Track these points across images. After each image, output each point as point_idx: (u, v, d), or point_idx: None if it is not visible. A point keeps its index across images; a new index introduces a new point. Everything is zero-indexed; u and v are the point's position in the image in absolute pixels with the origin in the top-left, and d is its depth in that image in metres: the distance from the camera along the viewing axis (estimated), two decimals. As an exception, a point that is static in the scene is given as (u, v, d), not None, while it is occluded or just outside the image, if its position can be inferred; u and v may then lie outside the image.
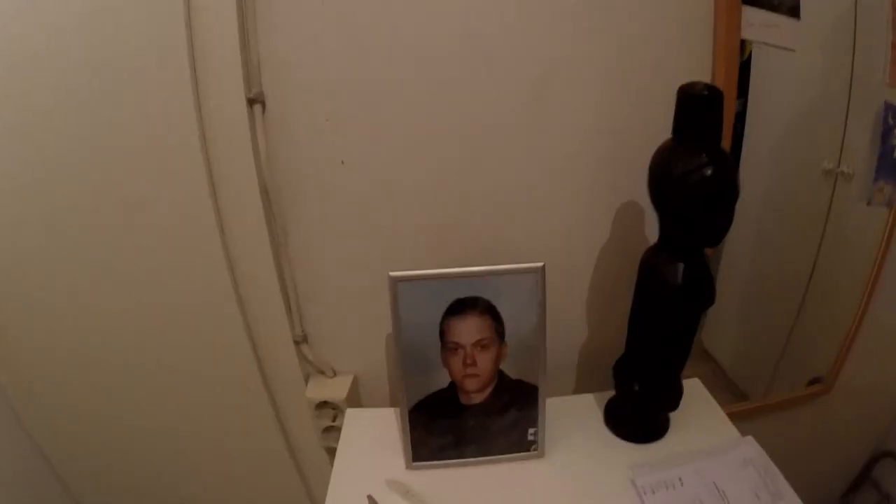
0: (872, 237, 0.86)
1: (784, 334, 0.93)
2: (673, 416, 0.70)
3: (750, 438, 0.68)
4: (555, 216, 0.69)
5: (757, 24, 0.67)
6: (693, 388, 0.75)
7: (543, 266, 0.58)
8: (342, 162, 0.64)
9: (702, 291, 0.58)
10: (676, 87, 0.52)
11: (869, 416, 1.02)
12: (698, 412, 0.72)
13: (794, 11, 0.69)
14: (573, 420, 0.70)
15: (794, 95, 0.79)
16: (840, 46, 0.76)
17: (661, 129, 0.55)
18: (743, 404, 0.91)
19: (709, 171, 0.51)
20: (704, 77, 0.65)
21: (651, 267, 0.59)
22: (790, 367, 0.95)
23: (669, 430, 0.69)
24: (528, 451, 0.65)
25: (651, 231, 0.70)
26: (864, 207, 0.85)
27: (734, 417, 0.71)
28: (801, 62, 0.74)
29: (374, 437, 0.69)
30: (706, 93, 0.51)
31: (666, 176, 0.54)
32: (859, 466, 1.09)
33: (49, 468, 0.87)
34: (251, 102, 0.60)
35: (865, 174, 0.83)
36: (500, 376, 0.62)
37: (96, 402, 0.80)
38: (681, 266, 0.57)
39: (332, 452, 0.70)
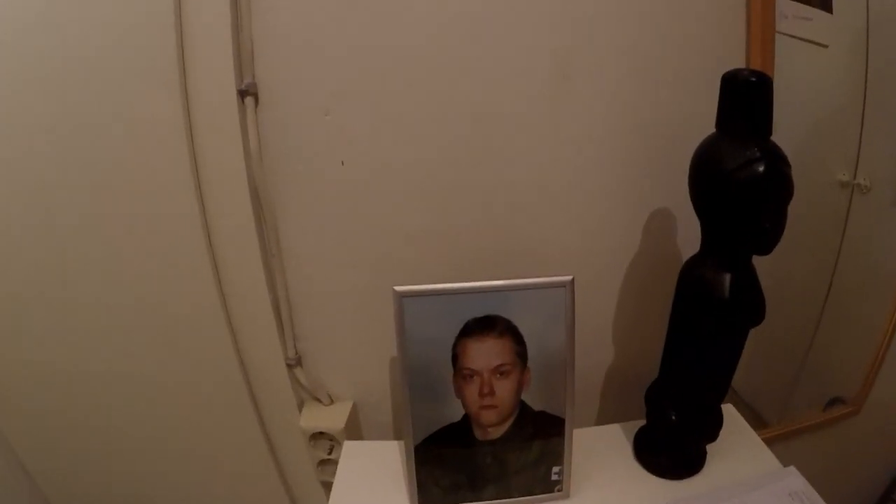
0: (897, 250, 0.77)
1: (801, 353, 0.84)
2: (708, 446, 0.59)
3: (793, 469, 0.58)
4: (577, 222, 0.59)
5: (790, 15, 0.60)
6: (726, 414, 0.64)
7: (573, 280, 0.48)
8: (342, 163, 0.54)
9: (751, 306, 0.48)
10: (709, 79, 0.45)
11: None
12: (734, 440, 0.61)
13: (825, 5, 0.62)
14: (599, 454, 0.59)
15: (807, 105, 0.71)
16: (860, 52, 0.69)
17: (693, 125, 0.47)
18: (771, 429, 0.81)
19: (761, 167, 0.42)
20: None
21: (694, 279, 0.49)
22: (808, 387, 0.85)
23: (706, 461, 0.58)
24: (553, 491, 0.54)
25: (684, 241, 0.60)
26: (885, 222, 0.77)
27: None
28: (814, 70, 0.67)
29: (374, 475, 0.57)
30: (753, 79, 0.43)
31: (711, 173, 0.45)
32: (882, 488, 0.99)
33: (29, 481, 0.75)
34: (242, 94, 0.50)
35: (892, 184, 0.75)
36: (522, 407, 0.51)
37: (77, 416, 0.68)
38: (728, 277, 0.47)
39: (328, 487, 0.59)
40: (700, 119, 0.46)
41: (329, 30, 0.49)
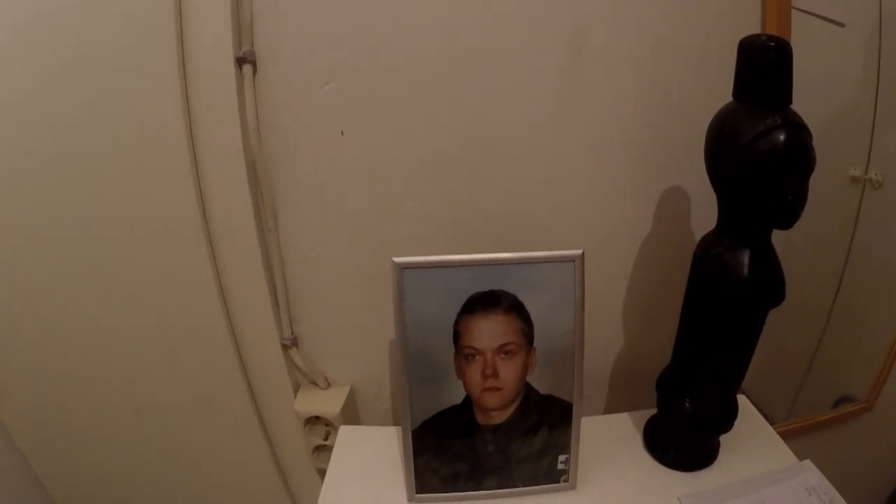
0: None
1: (810, 351, 0.80)
2: (721, 438, 0.54)
3: (809, 463, 0.54)
4: (586, 199, 0.55)
5: (807, -10, 0.56)
6: (740, 405, 0.60)
7: (583, 254, 0.44)
8: (342, 133, 0.50)
9: (771, 285, 0.44)
10: (724, 54, 0.41)
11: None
12: (749, 432, 0.57)
13: (840, -20, 0.59)
14: (608, 444, 0.54)
15: (819, 94, 0.67)
16: (874, 39, 0.65)
17: (707, 101, 0.43)
18: (781, 425, 0.76)
19: (782, 136, 0.38)
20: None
21: (710, 257, 0.45)
22: (816, 385, 0.81)
23: (719, 454, 0.54)
24: (558, 481, 0.50)
25: (699, 218, 0.56)
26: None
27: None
28: (828, 56, 0.63)
29: (371, 462, 0.53)
30: (772, 44, 0.39)
31: (728, 143, 0.41)
32: (894, 485, 0.93)
33: (32, 476, 0.72)
34: (240, 62, 0.47)
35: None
36: (527, 390, 0.46)
37: (71, 401, 0.65)
38: (746, 254, 0.43)
39: (324, 474, 0.55)
40: (714, 95, 0.43)
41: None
